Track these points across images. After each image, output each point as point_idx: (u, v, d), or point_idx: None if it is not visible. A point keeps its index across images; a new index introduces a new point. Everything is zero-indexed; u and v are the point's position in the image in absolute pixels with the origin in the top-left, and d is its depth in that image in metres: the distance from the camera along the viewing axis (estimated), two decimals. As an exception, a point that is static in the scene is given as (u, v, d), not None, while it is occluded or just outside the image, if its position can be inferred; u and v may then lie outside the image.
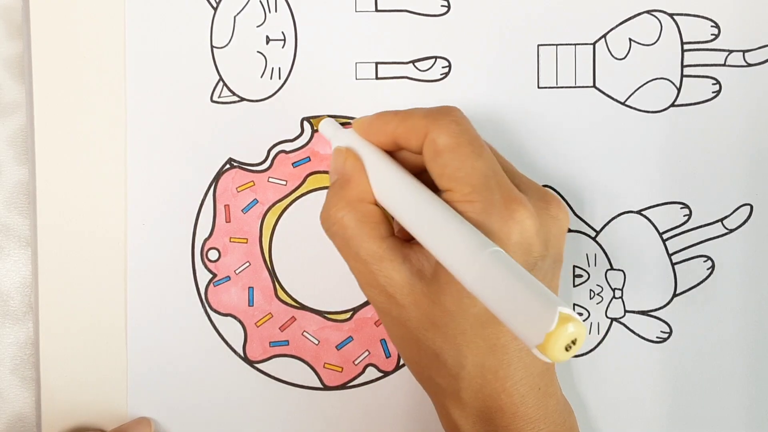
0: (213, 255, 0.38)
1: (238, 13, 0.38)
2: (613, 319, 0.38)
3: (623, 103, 0.38)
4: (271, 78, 0.38)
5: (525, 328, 0.25)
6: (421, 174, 0.33)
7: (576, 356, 0.38)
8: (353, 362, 0.38)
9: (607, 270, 0.38)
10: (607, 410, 0.38)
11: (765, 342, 0.38)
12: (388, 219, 0.34)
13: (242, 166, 0.38)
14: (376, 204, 0.34)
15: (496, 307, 0.26)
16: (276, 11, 0.38)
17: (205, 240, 0.38)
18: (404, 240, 0.33)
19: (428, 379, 0.34)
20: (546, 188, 0.34)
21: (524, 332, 0.25)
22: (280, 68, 0.38)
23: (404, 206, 0.32)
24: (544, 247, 0.32)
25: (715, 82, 0.38)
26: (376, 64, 0.38)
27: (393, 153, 0.34)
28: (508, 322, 0.26)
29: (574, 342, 0.24)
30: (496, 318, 0.27)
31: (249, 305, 0.38)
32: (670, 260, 0.38)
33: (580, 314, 0.38)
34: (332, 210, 0.33)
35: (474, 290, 0.27)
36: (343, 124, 0.38)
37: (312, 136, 0.38)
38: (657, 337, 0.38)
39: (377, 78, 0.38)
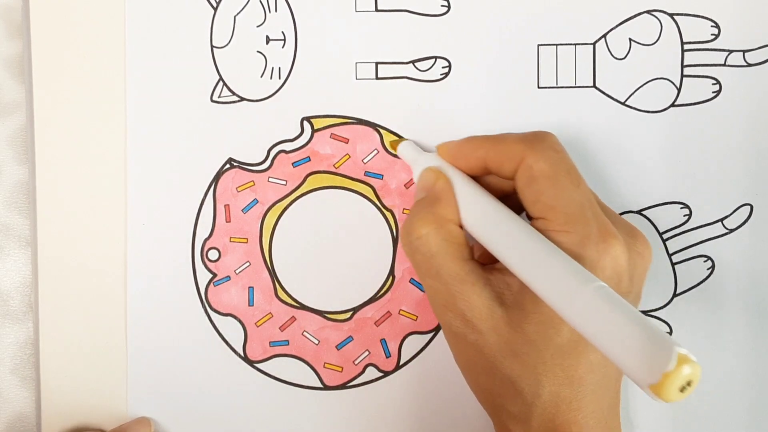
0: (213, 255, 0.38)
1: (238, 13, 0.38)
2: (613, 319, 0.38)
3: (623, 103, 0.38)
4: (271, 78, 0.38)
5: (639, 367, 0.24)
6: (504, 200, 0.33)
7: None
8: (353, 362, 0.38)
9: (607, 270, 0.38)
10: (607, 410, 0.38)
11: (765, 342, 0.38)
12: (469, 243, 0.33)
13: (242, 166, 0.38)
14: (461, 227, 0.33)
15: (603, 344, 0.26)
16: (276, 11, 0.38)
17: (205, 240, 0.38)
18: (484, 264, 0.33)
19: (498, 405, 0.33)
20: (632, 224, 0.34)
21: (637, 371, 0.24)
22: (280, 68, 0.38)
23: (496, 233, 0.31)
24: (630, 283, 0.31)
25: (715, 82, 0.38)
26: (376, 64, 0.38)
27: (476, 178, 0.34)
28: (619, 360, 0.25)
29: (689, 383, 0.24)
30: (578, 349, 0.27)
31: (249, 305, 0.38)
32: (670, 260, 0.38)
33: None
34: (417, 224, 0.33)
35: (578, 325, 0.27)
36: (343, 124, 0.38)
37: (312, 136, 0.38)
38: (657, 337, 0.38)
39: (377, 78, 0.38)
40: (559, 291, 0.28)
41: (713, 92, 0.38)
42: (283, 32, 0.38)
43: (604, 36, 0.38)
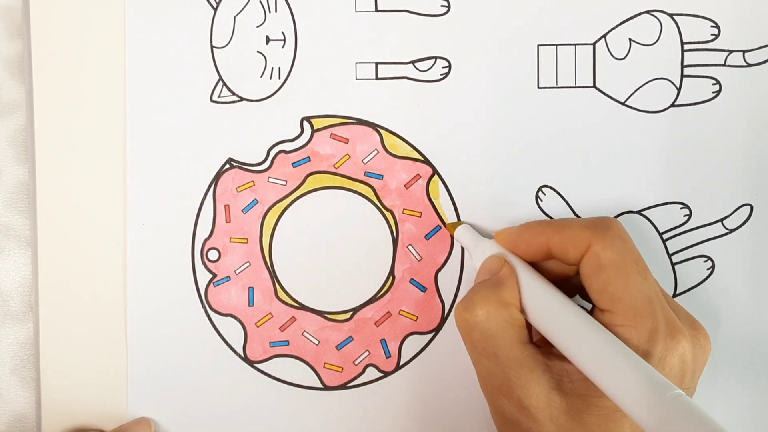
0: (213, 255, 0.38)
1: (238, 13, 0.38)
2: (613, 319, 0.38)
3: (623, 103, 0.38)
4: (270, 78, 0.38)
5: None
6: (559, 286, 0.33)
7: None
8: (353, 362, 0.38)
9: (607, 270, 0.38)
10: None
11: (765, 342, 0.38)
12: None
13: (242, 166, 0.38)
14: (522, 313, 0.33)
15: None
16: (276, 11, 0.38)
17: (205, 240, 0.38)
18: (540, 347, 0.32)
19: None
20: (692, 315, 0.34)
21: None
22: (279, 68, 0.38)
23: (562, 326, 0.31)
24: (692, 378, 0.31)
25: (715, 82, 0.38)
26: (376, 64, 0.38)
27: (535, 263, 0.34)
28: None
29: None
30: None
31: (249, 305, 0.38)
32: (670, 260, 0.38)
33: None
34: (479, 303, 0.32)
35: None
36: (342, 124, 0.38)
37: (312, 136, 0.38)
38: (657, 337, 0.38)
39: (377, 78, 0.38)
40: (634, 397, 0.27)
41: (713, 92, 0.38)
42: (283, 32, 0.38)
43: (604, 36, 0.38)
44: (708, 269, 0.38)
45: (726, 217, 0.38)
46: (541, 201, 0.38)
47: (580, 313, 0.31)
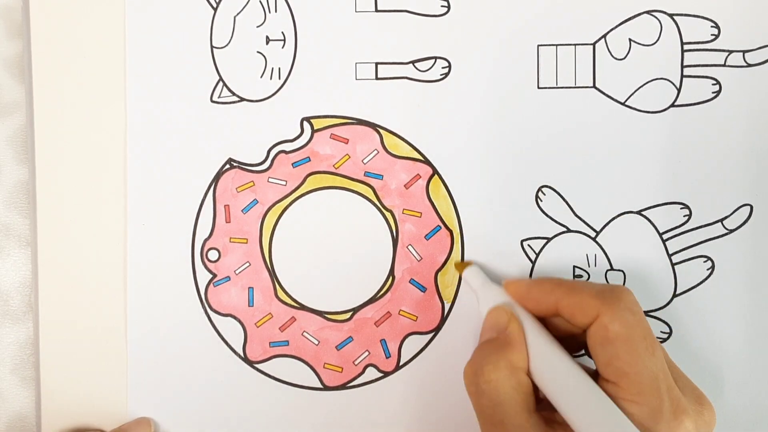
0: (213, 255, 0.38)
1: (238, 14, 0.38)
2: (613, 320, 0.38)
3: (623, 104, 0.38)
4: (270, 78, 0.38)
5: None
6: (566, 341, 0.33)
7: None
8: (353, 362, 0.38)
9: (607, 270, 0.38)
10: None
11: (765, 342, 0.38)
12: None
13: (242, 166, 0.38)
14: (529, 375, 0.33)
15: None
16: (276, 11, 0.38)
17: (205, 240, 0.38)
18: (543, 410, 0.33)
19: None
20: (699, 389, 0.34)
21: None
22: (279, 68, 0.38)
23: (568, 394, 0.31)
24: None
25: (715, 82, 0.38)
26: (376, 64, 0.38)
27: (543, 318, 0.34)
28: None
29: None
30: None
31: (249, 305, 0.38)
32: (670, 260, 0.38)
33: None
34: (488, 368, 0.32)
35: None
36: (342, 124, 0.38)
37: (312, 136, 0.38)
38: (657, 337, 0.38)
39: (377, 78, 0.38)
40: None
41: (713, 92, 0.38)
42: (283, 32, 0.38)
43: (604, 36, 0.38)
44: (708, 269, 0.38)
45: (726, 218, 0.38)
46: (541, 201, 0.38)
47: (587, 382, 0.31)
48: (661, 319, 0.38)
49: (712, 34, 0.38)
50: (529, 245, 0.38)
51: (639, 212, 0.38)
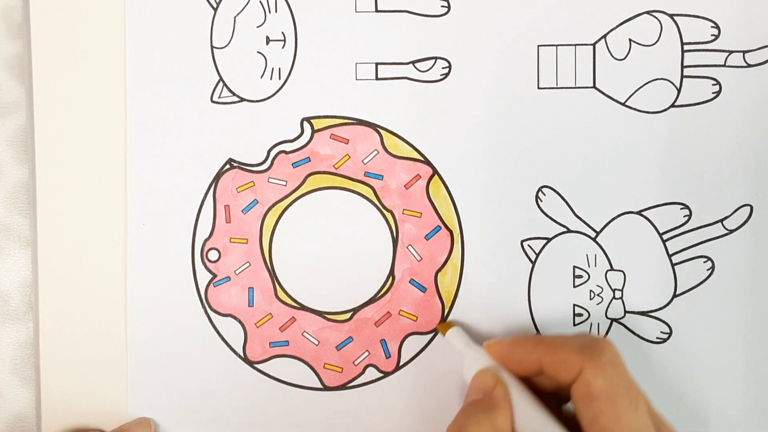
0: (213, 255, 0.38)
1: (238, 14, 0.38)
2: (613, 320, 0.38)
3: (623, 104, 0.38)
4: (271, 78, 0.38)
5: None
6: (552, 397, 0.33)
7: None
8: (353, 363, 0.38)
9: (607, 270, 0.38)
10: (607, 411, 0.38)
11: (765, 342, 0.38)
12: None
13: (242, 166, 0.38)
14: None
15: None
16: (276, 12, 0.38)
17: (205, 240, 0.38)
18: None
19: None
20: None
21: None
22: (280, 68, 0.38)
23: None
24: None
25: (715, 82, 0.38)
26: (376, 64, 0.38)
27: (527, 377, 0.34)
28: None
29: None
30: None
31: (249, 305, 0.38)
32: (670, 261, 0.38)
33: (580, 315, 0.38)
34: (471, 428, 0.32)
35: None
36: (343, 125, 0.38)
37: (312, 137, 0.38)
38: (657, 338, 0.38)
39: (377, 78, 0.38)
40: None
41: (713, 93, 0.38)
42: (283, 33, 0.38)
43: (604, 36, 0.38)
44: (708, 270, 0.38)
45: (726, 218, 0.38)
46: (541, 201, 0.38)
47: None
48: (661, 319, 0.38)
49: (712, 35, 0.38)
50: (529, 245, 0.38)
51: (639, 212, 0.38)
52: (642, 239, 0.38)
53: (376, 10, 0.38)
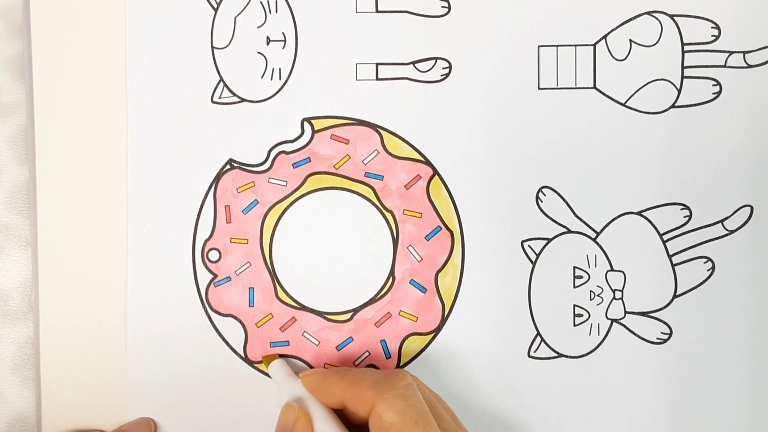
0: (213, 255, 0.38)
1: (238, 14, 0.38)
2: (613, 320, 0.39)
3: (624, 104, 0.38)
4: (271, 79, 0.38)
5: None
6: (364, 427, 0.33)
7: (576, 357, 0.38)
8: (353, 363, 0.38)
9: (608, 271, 0.38)
10: (608, 411, 0.38)
11: (765, 343, 0.38)
12: None
13: (242, 166, 0.38)
14: None
15: None
16: (276, 12, 0.38)
17: (206, 240, 0.38)
18: None
19: None
20: None
21: None
22: (280, 69, 0.38)
23: None
24: None
25: (715, 83, 0.38)
26: (377, 65, 0.38)
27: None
28: None
29: None
30: None
31: (249, 306, 0.38)
32: (671, 261, 0.38)
33: (580, 315, 0.39)
34: None
35: None
36: (343, 125, 0.38)
37: (312, 137, 0.38)
38: (657, 338, 0.38)
39: (377, 79, 0.38)
40: None
41: (713, 93, 0.38)
42: (283, 33, 0.38)
43: (605, 37, 0.38)
44: (708, 270, 0.38)
45: (726, 218, 0.38)
46: (542, 201, 0.38)
47: None
48: (661, 319, 0.38)
49: (712, 35, 0.38)
50: (529, 246, 0.38)
51: (639, 213, 0.38)
52: (642, 240, 0.38)
53: (377, 11, 0.38)
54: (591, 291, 0.38)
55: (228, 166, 0.38)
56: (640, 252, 0.38)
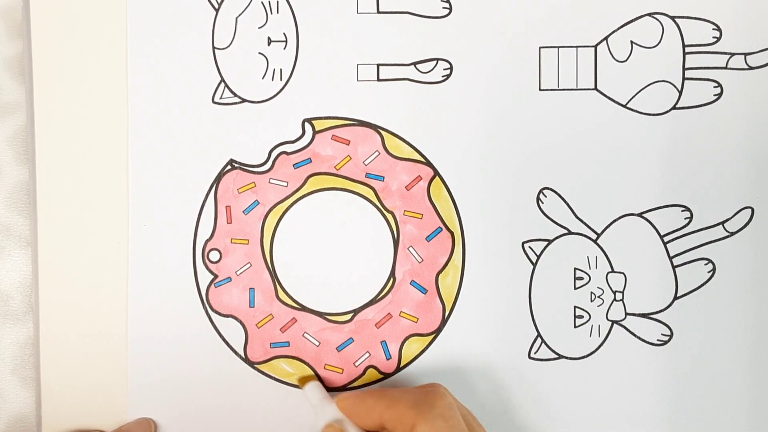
0: (214, 256, 0.38)
1: (239, 15, 0.38)
2: (613, 322, 0.39)
3: (625, 106, 0.38)
4: (272, 79, 0.38)
5: None
6: None
7: (577, 359, 0.38)
8: (354, 364, 0.38)
9: (608, 272, 0.38)
10: (608, 413, 0.39)
11: (765, 344, 0.38)
12: None
13: (243, 167, 0.38)
14: None
15: None
16: (278, 12, 0.38)
17: (207, 241, 0.38)
18: None
19: None
20: None
21: None
22: (281, 69, 0.38)
23: None
24: None
25: (716, 84, 0.38)
26: (378, 65, 0.38)
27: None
28: None
29: None
30: None
31: (250, 306, 0.38)
32: (671, 263, 0.38)
33: (581, 317, 0.39)
34: None
35: None
36: (344, 126, 0.38)
37: (313, 138, 0.38)
38: (658, 340, 0.38)
39: (378, 80, 0.38)
40: None
41: (714, 95, 0.38)
42: (284, 34, 0.38)
43: (606, 38, 0.38)
44: (709, 272, 0.38)
45: (727, 220, 0.38)
46: (542, 203, 0.38)
47: None
48: (662, 321, 0.38)
49: (713, 37, 0.38)
50: (530, 247, 0.38)
51: (640, 214, 0.38)
52: (643, 241, 0.38)
53: (378, 12, 0.38)
54: (591, 292, 0.39)
55: (229, 167, 0.38)
56: (641, 253, 0.38)
